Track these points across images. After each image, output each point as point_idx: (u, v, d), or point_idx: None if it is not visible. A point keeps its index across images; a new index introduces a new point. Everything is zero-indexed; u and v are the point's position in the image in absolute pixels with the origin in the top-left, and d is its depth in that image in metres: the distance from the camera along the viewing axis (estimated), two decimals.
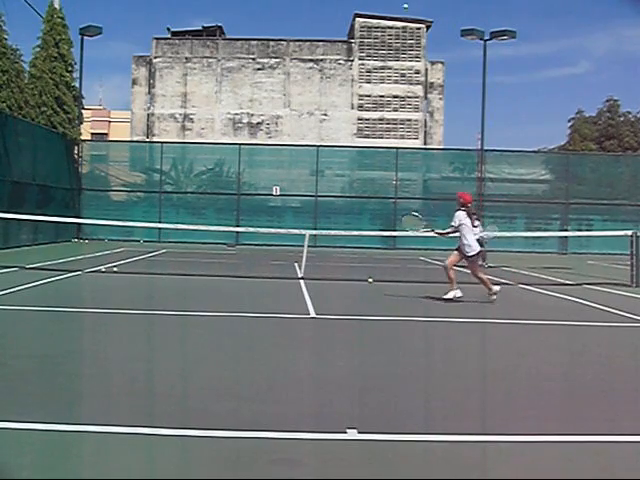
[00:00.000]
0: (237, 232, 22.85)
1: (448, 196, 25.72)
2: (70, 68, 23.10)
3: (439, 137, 35.92)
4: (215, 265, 15.74)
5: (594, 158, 30.39)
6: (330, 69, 35.46)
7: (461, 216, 10.21)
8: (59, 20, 22.66)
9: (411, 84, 35.58)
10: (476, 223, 10.39)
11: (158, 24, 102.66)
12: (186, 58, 35.63)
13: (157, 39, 36.06)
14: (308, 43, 35.66)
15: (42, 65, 21.98)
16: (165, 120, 35.66)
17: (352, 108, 35.52)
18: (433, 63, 35.96)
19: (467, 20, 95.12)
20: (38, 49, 22.33)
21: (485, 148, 26.10)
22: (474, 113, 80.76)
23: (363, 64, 35.56)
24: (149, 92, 35.73)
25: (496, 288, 10.10)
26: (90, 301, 9.17)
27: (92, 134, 47.07)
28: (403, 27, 35.62)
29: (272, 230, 20.14)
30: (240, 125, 35.59)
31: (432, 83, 35.82)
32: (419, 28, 35.70)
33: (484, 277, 10.19)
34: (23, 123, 20.03)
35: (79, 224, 22.40)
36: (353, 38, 35.67)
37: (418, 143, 34.67)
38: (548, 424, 4.23)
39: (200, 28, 37.46)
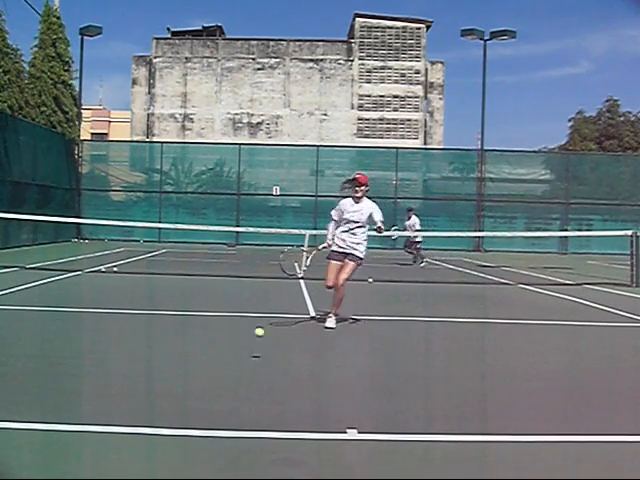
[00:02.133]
0: (237, 232, 22.88)
1: (448, 196, 25.89)
2: (68, 67, 23.10)
3: (439, 137, 35.93)
4: (215, 265, 15.73)
5: (594, 158, 30.40)
6: (330, 69, 35.46)
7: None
8: (55, 19, 22.63)
9: (411, 84, 35.58)
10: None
11: (158, 24, 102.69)
12: (186, 58, 35.63)
13: (157, 39, 36.07)
14: (308, 43, 35.66)
15: (41, 65, 21.97)
16: (165, 120, 35.66)
17: (352, 108, 35.52)
18: (433, 63, 35.96)
19: (467, 20, 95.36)
20: (36, 49, 22.34)
21: (485, 148, 26.15)
22: (474, 113, 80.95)
23: (363, 64, 35.55)
24: (149, 92, 35.73)
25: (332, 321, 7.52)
26: (90, 301, 9.15)
27: (92, 134, 47.06)
28: (403, 27, 35.63)
29: (272, 230, 20.13)
30: (240, 125, 35.59)
31: (432, 83, 35.81)
32: (419, 28, 35.70)
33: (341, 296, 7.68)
34: (23, 123, 20.03)
35: (79, 224, 22.43)
36: (353, 38, 35.67)
37: (418, 143, 34.68)
38: (548, 424, 4.22)
39: (200, 28, 37.51)
